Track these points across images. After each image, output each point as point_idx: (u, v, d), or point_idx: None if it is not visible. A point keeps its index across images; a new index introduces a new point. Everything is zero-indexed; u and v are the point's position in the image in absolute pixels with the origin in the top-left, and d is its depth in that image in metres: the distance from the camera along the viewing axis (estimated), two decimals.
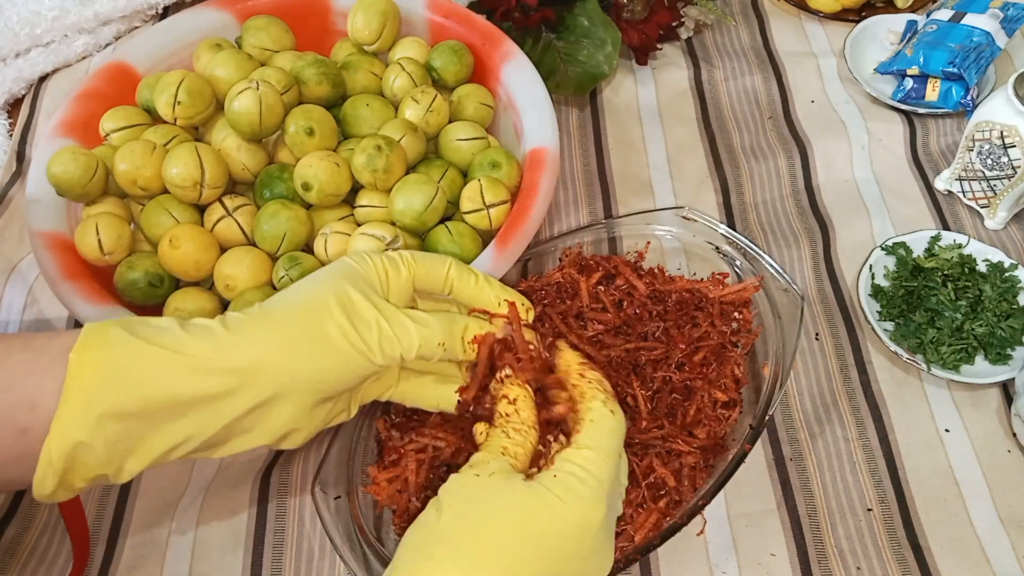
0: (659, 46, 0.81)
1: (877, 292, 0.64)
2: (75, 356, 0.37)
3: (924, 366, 0.59)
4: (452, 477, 0.40)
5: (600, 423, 0.42)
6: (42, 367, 0.38)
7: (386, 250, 0.54)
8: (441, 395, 0.48)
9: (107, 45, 0.85)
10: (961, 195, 0.70)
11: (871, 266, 0.65)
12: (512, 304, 0.47)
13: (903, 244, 0.66)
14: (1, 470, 0.38)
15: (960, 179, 0.69)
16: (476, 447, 0.44)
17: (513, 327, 0.47)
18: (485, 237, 0.58)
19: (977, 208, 0.69)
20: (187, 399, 0.38)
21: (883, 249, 0.66)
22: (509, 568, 0.37)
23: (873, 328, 0.61)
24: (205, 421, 0.39)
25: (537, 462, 0.43)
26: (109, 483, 0.40)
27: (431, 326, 0.43)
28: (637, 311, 0.55)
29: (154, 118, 0.62)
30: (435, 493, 0.40)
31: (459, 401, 0.46)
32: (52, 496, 0.39)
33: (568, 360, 0.46)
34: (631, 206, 0.71)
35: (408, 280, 0.45)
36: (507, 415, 0.43)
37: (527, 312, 0.48)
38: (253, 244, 0.57)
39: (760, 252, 0.56)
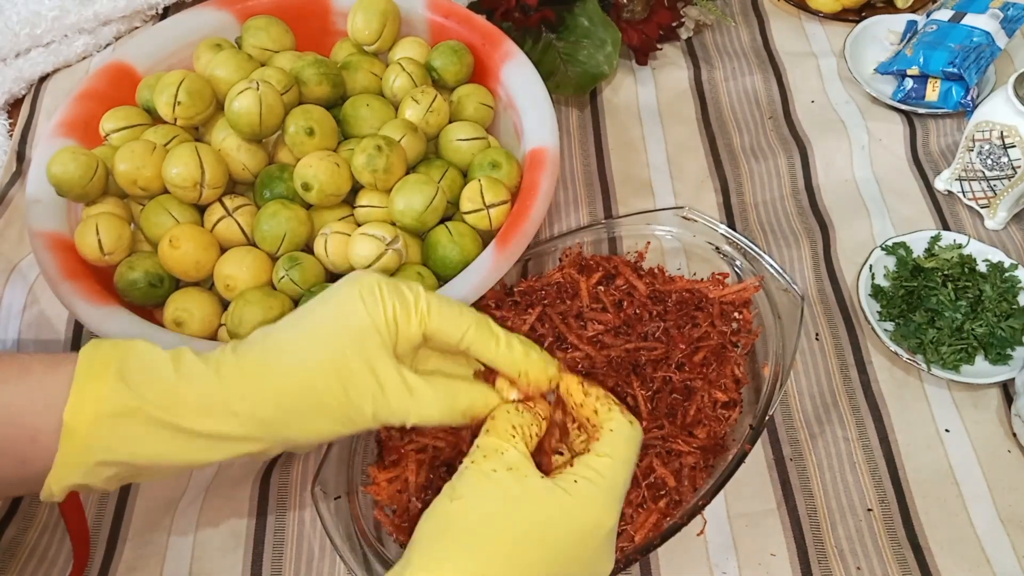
0: (659, 46, 0.81)
1: (877, 292, 0.64)
2: (69, 416, 0.38)
3: (924, 366, 0.59)
4: (469, 468, 0.40)
5: (619, 432, 0.43)
6: (39, 408, 0.38)
7: (386, 251, 0.54)
8: None
9: (107, 45, 0.85)
10: (961, 195, 0.70)
11: (871, 266, 0.65)
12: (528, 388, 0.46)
13: (903, 244, 0.66)
14: (5, 490, 0.40)
15: (960, 179, 0.69)
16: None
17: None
18: (485, 237, 0.58)
19: (977, 208, 0.69)
20: (179, 462, 0.40)
21: (883, 249, 0.66)
22: (519, 561, 0.38)
23: (873, 328, 0.61)
24: (197, 464, 0.41)
25: (551, 465, 0.44)
26: None
27: (430, 407, 0.42)
28: (637, 311, 0.55)
29: (154, 118, 0.62)
30: (435, 493, 0.40)
31: None
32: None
33: (568, 382, 0.45)
34: (631, 206, 0.71)
35: (418, 331, 0.43)
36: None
37: (548, 382, 0.45)
38: (253, 244, 0.57)
39: (760, 252, 0.56)
